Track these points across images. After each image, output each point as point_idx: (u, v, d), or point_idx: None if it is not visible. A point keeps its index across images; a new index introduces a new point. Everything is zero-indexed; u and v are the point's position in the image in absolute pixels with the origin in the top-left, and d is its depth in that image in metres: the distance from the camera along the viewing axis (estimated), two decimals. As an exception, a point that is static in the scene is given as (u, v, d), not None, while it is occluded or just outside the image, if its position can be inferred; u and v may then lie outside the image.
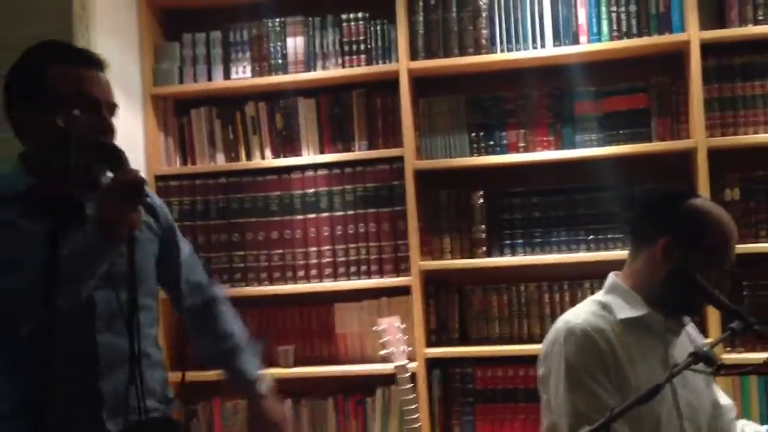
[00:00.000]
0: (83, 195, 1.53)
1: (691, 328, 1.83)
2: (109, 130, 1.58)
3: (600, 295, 1.76)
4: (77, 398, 1.55)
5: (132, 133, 2.94)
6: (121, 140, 2.19)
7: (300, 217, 2.98)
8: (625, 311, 1.68)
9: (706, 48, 2.68)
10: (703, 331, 2.65)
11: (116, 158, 1.49)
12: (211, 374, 2.05)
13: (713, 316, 2.59)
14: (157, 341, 1.75)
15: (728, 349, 2.64)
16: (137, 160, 2.98)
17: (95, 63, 1.62)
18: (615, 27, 2.78)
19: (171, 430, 1.81)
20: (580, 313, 1.69)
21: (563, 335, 1.64)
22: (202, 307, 1.90)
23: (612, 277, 1.78)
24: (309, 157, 3.01)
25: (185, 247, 1.89)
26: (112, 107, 1.61)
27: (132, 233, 1.45)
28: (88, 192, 1.53)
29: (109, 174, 1.52)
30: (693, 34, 2.68)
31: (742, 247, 2.64)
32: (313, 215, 2.97)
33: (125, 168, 1.48)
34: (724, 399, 1.82)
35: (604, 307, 1.70)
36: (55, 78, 1.54)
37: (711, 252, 1.65)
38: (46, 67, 1.55)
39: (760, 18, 2.68)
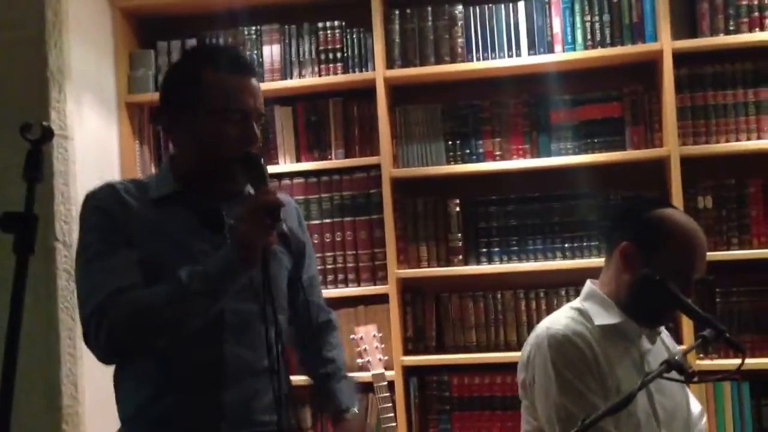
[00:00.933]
0: (224, 205, 1.55)
1: (666, 336, 1.85)
2: (255, 141, 1.56)
3: (577, 302, 1.78)
4: (200, 407, 1.54)
5: (107, 140, 2.91)
6: (94, 147, 2.15)
7: (276, 225, 2.96)
8: (601, 318, 1.70)
9: (679, 57, 2.72)
10: (677, 338, 2.68)
11: (258, 173, 1.49)
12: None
13: (687, 323, 2.62)
14: (286, 357, 1.66)
15: (701, 355, 2.66)
16: (112, 168, 2.96)
17: (248, 70, 1.60)
18: (589, 36, 2.81)
19: None
20: (560, 319, 1.71)
21: (546, 341, 1.66)
22: (314, 328, 1.85)
23: (588, 285, 1.80)
24: (286, 165, 3.00)
25: (313, 264, 1.84)
26: (260, 116, 1.60)
27: (270, 254, 1.46)
28: (230, 202, 1.55)
29: (250, 188, 1.55)
30: (665, 43, 2.71)
31: (714, 255, 2.68)
32: (289, 223, 2.96)
33: (265, 188, 1.47)
34: (696, 407, 1.84)
35: (582, 313, 1.72)
36: (208, 84, 1.54)
37: (671, 260, 1.65)
38: (201, 72, 1.55)
39: (731, 28, 2.72)
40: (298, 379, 2.00)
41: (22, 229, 1.04)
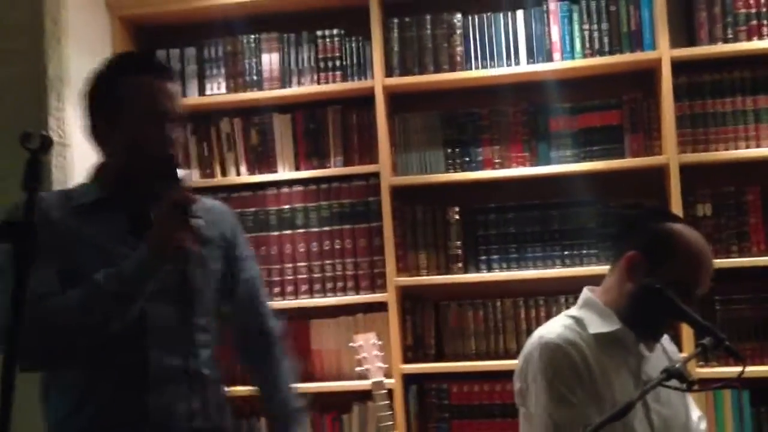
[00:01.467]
0: (148, 207, 1.57)
1: (666, 342, 1.84)
2: (171, 143, 1.58)
3: (574, 310, 1.77)
4: (123, 415, 1.55)
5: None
6: (93, 154, 2.17)
7: (276, 233, 2.96)
8: (597, 326, 1.69)
9: (677, 66, 2.72)
10: (678, 345, 2.68)
11: (171, 173, 1.52)
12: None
13: (687, 331, 2.61)
14: (215, 361, 1.70)
15: (701, 363, 2.66)
16: (110, 176, 2.95)
17: (165, 73, 1.65)
18: (588, 45, 2.82)
19: None
20: (554, 328, 1.70)
21: (538, 350, 1.65)
22: (256, 336, 1.84)
23: (586, 292, 1.79)
24: (284, 173, 3.00)
25: (250, 267, 1.82)
26: (179, 118, 1.62)
27: (184, 251, 1.48)
28: (153, 205, 1.55)
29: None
30: (664, 52, 2.72)
31: (713, 262, 2.68)
32: (288, 231, 2.96)
33: (176, 186, 1.51)
34: (695, 413, 1.83)
35: (577, 321, 1.71)
36: (124, 90, 1.59)
37: (676, 274, 1.65)
38: (117, 79, 1.60)
39: (729, 37, 2.73)
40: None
41: (22, 239, 1.04)
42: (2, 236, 1.03)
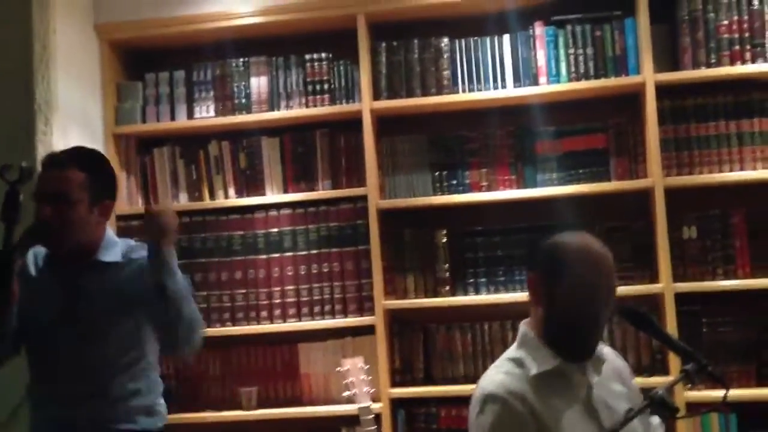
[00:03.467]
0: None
1: (613, 357, 1.77)
2: (34, 218, 1.93)
3: (513, 351, 1.71)
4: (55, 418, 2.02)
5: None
6: None
7: (264, 256, 2.96)
8: (536, 365, 1.62)
9: (661, 90, 2.75)
10: (664, 368, 2.68)
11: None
12: (173, 418, 2.11)
13: (674, 355, 2.61)
14: (134, 380, 2.05)
15: (689, 387, 2.65)
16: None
17: (48, 164, 2.01)
18: (573, 69, 2.84)
19: None
20: (496, 376, 1.64)
21: (479, 405, 1.60)
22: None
23: (522, 328, 1.73)
24: (273, 196, 3.01)
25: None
26: (56, 196, 1.95)
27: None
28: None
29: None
30: (648, 76, 2.74)
31: (699, 285, 2.70)
32: (276, 255, 2.96)
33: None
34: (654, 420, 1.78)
35: (518, 363, 1.65)
36: None
37: (572, 281, 1.59)
38: None
39: (713, 62, 2.76)
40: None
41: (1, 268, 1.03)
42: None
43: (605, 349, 1.74)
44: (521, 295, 2.80)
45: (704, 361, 1.49)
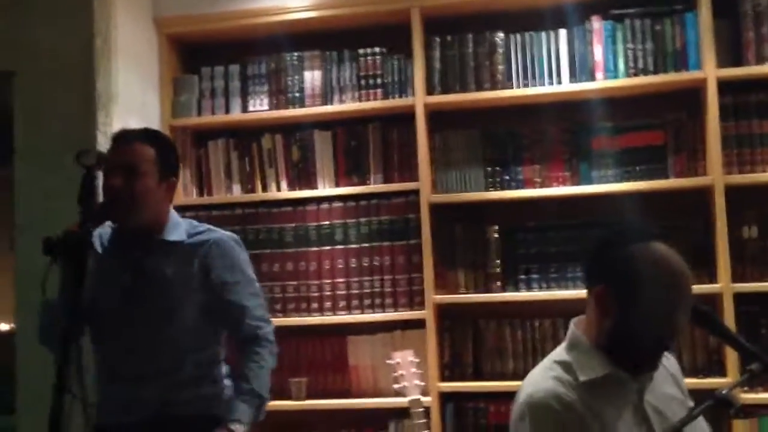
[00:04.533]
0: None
1: (663, 357, 1.64)
2: (104, 189, 1.95)
3: (562, 353, 1.61)
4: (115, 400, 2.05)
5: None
6: None
7: (315, 249, 2.98)
8: (586, 372, 1.53)
9: (723, 85, 2.69)
10: (721, 370, 2.62)
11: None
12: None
13: (732, 354, 2.56)
14: (196, 363, 2.07)
15: (746, 389, 2.59)
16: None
17: (118, 139, 2.04)
18: (631, 64, 2.80)
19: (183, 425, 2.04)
20: (542, 382, 1.55)
21: (527, 412, 1.50)
22: (239, 343, 2.14)
23: (572, 329, 1.63)
24: (324, 189, 3.02)
25: (225, 289, 2.11)
26: (127, 168, 1.96)
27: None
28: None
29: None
30: (710, 71, 2.68)
31: (759, 285, 2.63)
32: (327, 247, 2.97)
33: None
34: None
35: (566, 368, 1.56)
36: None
37: (651, 301, 1.48)
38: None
39: (777, 57, 2.68)
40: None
41: (77, 253, 1.06)
42: (59, 250, 1.06)
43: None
44: (574, 293, 2.77)
45: (769, 360, 1.44)
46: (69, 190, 1.80)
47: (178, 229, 2.09)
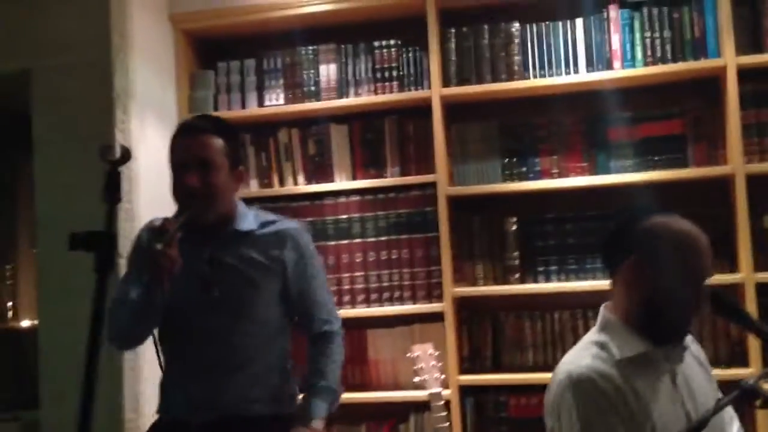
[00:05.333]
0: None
1: (693, 346, 1.74)
2: (181, 187, 1.95)
3: (595, 334, 1.67)
4: (183, 393, 2.01)
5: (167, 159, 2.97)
6: (156, 166, 2.26)
7: (333, 243, 2.99)
8: (622, 350, 1.59)
9: (743, 73, 2.66)
10: (744, 360, 2.60)
11: (179, 211, 1.90)
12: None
13: (754, 343, 2.54)
14: (268, 357, 2.05)
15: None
16: (172, 186, 3.02)
17: (186, 130, 2.01)
18: (649, 53, 2.77)
19: (251, 427, 2.00)
20: (582, 360, 1.60)
21: (570, 389, 1.55)
22: (312, 337, 2.15)
23: (603, 312, 1.69)
24: (341, 183, 3.02)
25: (300, 280, 2.10)
26: (201, 163, 1.95)
27: (171, 274, 1.81)
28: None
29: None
30: (729, 59, 2.66)
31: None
32: (345, 241, 2.98)
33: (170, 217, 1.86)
34: (736, 425, 1.74)
35: (603, 347, 1.61)
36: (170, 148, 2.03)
37: (680, 268, 1.56)
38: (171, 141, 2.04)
39: (798, 43, 2.65)
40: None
41: (104, 249, 1.07)
42: (87, 246, 1.07)
43: (687, 337, 1.70)
44: (593, 284, 2.76)
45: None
46: (89, 185, 1.82)
47: (248, 218, 2.06)
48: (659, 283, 1.57)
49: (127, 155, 1.27)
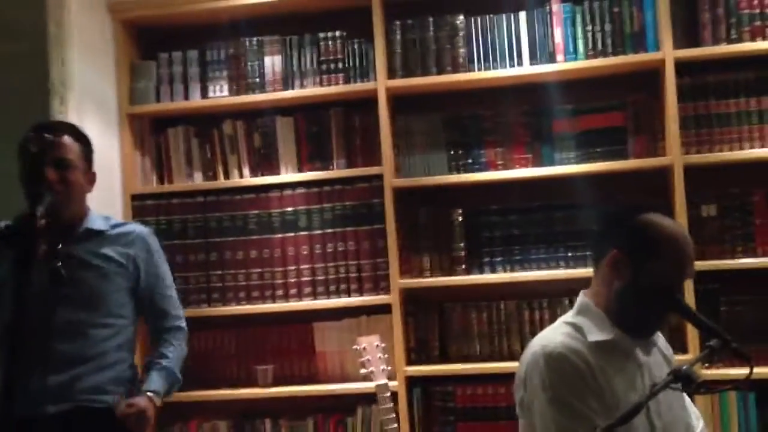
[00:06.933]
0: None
1: (662, 344, 1.81)
2: (36, 178, 1.99)
3: (570, 317, 1.73)
4: (32, 387, 1.97)
5: (108, 152, 2.90)
6: (97, 159, 2.22)
7: (279, 235, 2.96)
8: (594, 334, 1.65)
9: (681, 66, 2.72)
10: (682, 347, 2.67)
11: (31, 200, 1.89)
12: (190, 395, 2.06)
13: (692, 331, 2.61)
14: (118, 349, 2.13)
15: (707, 365, 2.64)
16: (113, 179, 2.95)
17: (46, 129, 2.09)
18: (591, 46, 2.81)
19: (104, 418, 2.04)
20: (556, 336, 1.67)
21: (542, 359, 1.61)
22: (157, 331, 2.26)
23: (581, 297, 1.75)
24: (287, 175, 3.00)
25: (151, 281, 2.23)
26: (59, 161, 2.03)
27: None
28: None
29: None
30: (667, 52, 2.71)
31: (718, 263, 2.68)
32: (291, 234, 2.96)
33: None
34: (694, 415, 1.80)
35: (576, 328, 1.68)
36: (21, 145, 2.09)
37: (663, 268, 1.62)
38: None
39: (734, 37, 2.72)
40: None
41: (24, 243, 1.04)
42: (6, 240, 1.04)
43: (657, 334, 1.77)
44: (538, 274, 2.80)
45: (728, 336, 1.47)
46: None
47: (99, 220, 2.17)
48: (637, 279, 1.62)
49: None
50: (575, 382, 1.58)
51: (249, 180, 3.01)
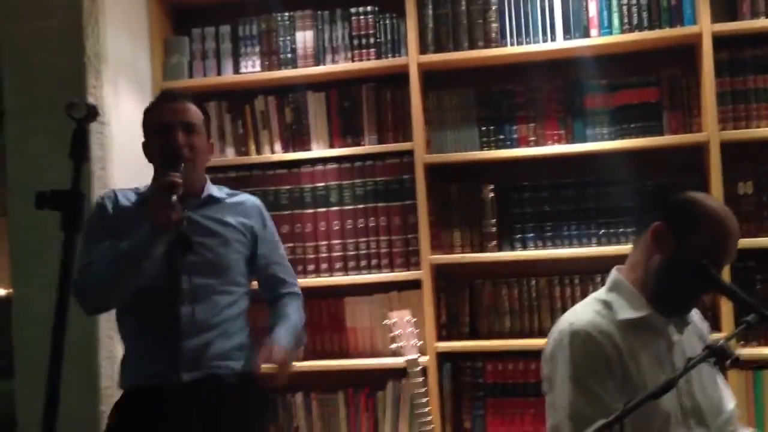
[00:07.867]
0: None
1: (698, 321, 1.80)
2: (172, 145, 2.04)
3: (602, 293, 1.73)
4: (165, 354, 1.95)
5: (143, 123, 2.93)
6: (130, 132, 2.25)
7: (310, 211, 2.98)
8: (626, 311, 1.65)
9: (718, 41, 2.67)
10: (716, 324, 2.65)
11: (167, 164, 1.98)
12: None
13: (726, 307, 2.58)
14: (239, 316, 2.17)
15: (742, 342, 2.62)
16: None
17: (172, 97, 2.15)
18: (626, 20, 2.77)
19: (242, 385, 2.11)
20: (584, 314, 1.67)
21: (568, 337, 1.62)
22: (275, 298, 2.31)
23: (614, 273, 1.75)
24: (318, 151, 3.01)
25: (268, 247, 2.29)
26: (186, 125, 2.08)
27: (171, 223, 1.85)
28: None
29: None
30: (705, 26, 2.66)
31: (755, 241, 2.64)
32: (323, 209, 2.97)
33: (164, 173, 1.94)
34: (730, 402, 1.78)
35: (607, 306, 1.68)
36: (147, 113, 2.17)
37: (704, 244, 1.61)
38: (147, 111, 2.19)
39: (773, 11, 2.66)
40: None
41: (71, 207, 1.05)
42: (53, 205, 1.06)
43: (693, 311, 1.76)
44: (569, 251, 2.79)
45: (766, 312, 1.46)
46: (60, 151, 1.78)
47: (215, 188, 2.22)
48: (678, 253, 1.62)
49: (93, 112, 1.26)
50: (598, 364, 1.57)
51: (281, 155, 3.03)
